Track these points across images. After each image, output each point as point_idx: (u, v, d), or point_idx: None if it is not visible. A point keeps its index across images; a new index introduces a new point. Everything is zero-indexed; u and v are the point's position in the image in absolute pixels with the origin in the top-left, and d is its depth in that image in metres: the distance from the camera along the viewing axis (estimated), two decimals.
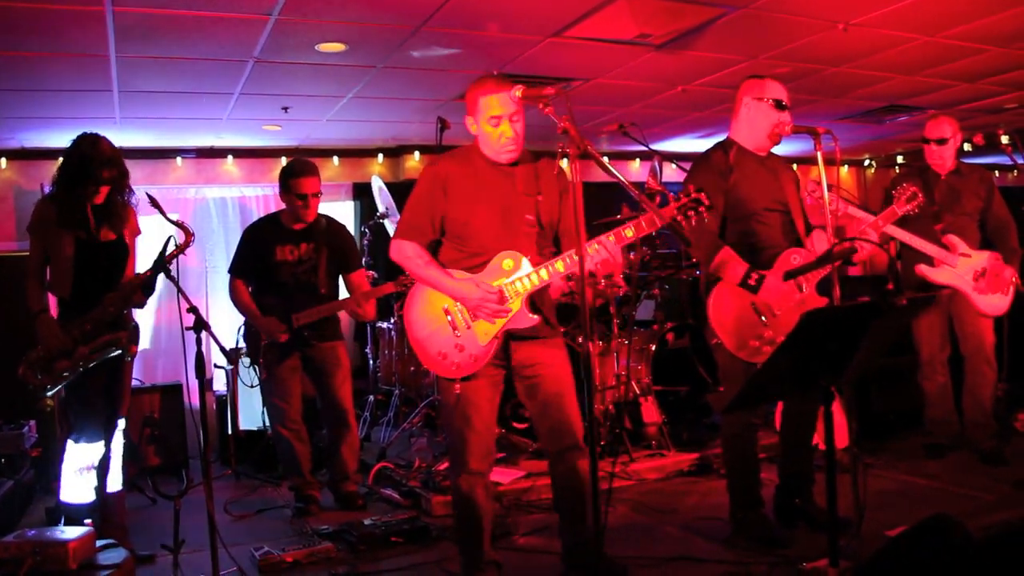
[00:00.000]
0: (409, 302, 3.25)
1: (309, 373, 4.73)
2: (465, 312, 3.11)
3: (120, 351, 3.76)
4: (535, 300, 3.13)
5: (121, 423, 4.02)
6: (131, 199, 3.98)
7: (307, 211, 4.59)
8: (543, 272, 3.05)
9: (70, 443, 3.87)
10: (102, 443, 3.86)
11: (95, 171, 3.75)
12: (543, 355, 3.20)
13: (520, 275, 3.07)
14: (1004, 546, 2.10)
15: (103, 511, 3.89)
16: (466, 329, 3.11)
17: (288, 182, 4.57)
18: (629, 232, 3.00)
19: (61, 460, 3.93)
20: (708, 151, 3.76)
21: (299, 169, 4.58)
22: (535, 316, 3.09)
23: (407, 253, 3.17)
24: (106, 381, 3.90)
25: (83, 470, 3.85)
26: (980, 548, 2.06)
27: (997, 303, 4.71)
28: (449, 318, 3.13)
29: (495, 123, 3.08)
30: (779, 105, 3.65)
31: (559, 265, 3.05)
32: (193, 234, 3.67)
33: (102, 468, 3.87)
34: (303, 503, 4.63)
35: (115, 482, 3.99)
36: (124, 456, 4.10)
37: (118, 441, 4.00)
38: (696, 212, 3.01)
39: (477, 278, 3.09)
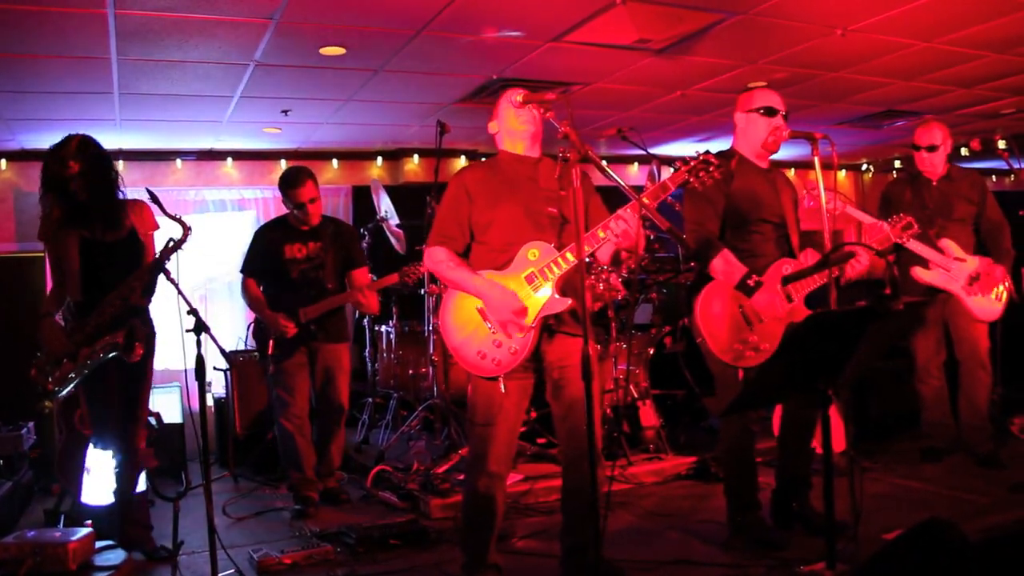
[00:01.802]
0: (443, 310, 3.29)
1: (313, 372, 4.80)
2: None
3: (117, 352, 3.70)
4: (566, 289, 3.15)
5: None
6: (124, 195, 3.92)
7: (309, 216, 4.74)
8: (569, 255, 3.09)
9: (91, 447, 3.85)
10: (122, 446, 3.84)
11: (56, 169, 3.71)
12: (575, 357, 3.18)
13: (548, 261, 3.11)
14: (1000, 549, 2.12)
15: (126, 513, 3.86)
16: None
17: (285, 193, 4.74)
18: (645, 200, 3.02)
19: (65, 461, 3.92)
20: None
21: (292, 180, 4.71)
22: (568, 299, 3.12)
23: (437, 258, 3.25)
24: (122, 385, 3.85)
25: (96, 472, 3.84)
26: (976, 551, 2.08)
27: (991, 308, 4.73)
28: (484, 317, 3.15)
29: (519, 104, 3.18)
30: (768, 112, 3.68)
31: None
32: (190, 228, 3.65)
33: (123, 473, 3.81)
34: (301, 504, 4.63)
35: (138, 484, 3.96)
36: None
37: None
38: (708, 172, 3.05)
39: (497, 275, 3.14)
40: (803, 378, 2.79)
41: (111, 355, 3.71)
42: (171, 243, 3.62)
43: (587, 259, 3.18)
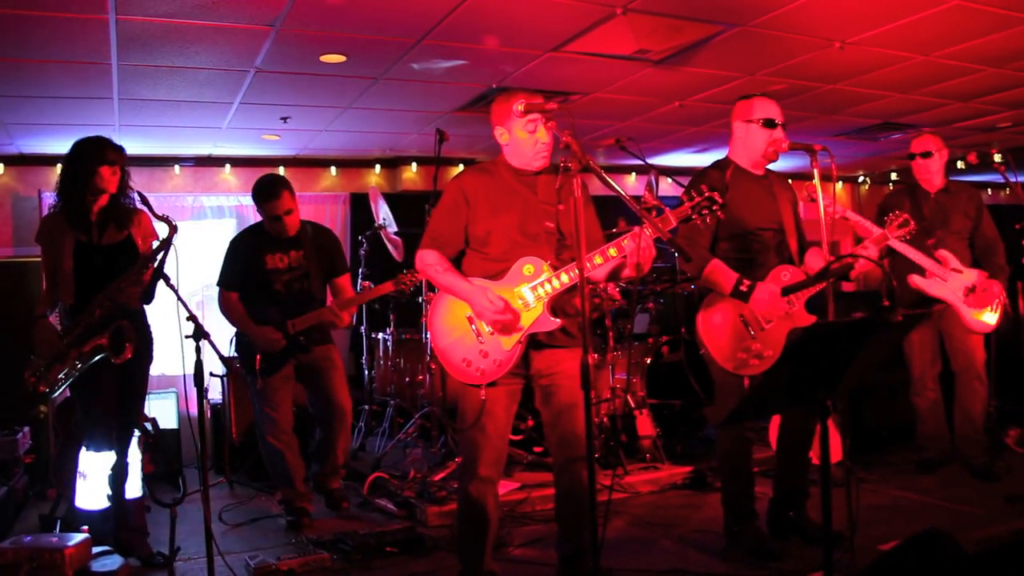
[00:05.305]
0: (432, 312, 3.29)
1: (303, 378, 4.69)
2: None
3: (103, 353, 3.67)
4: (556, 307, 3.15)
5: (135, 432, 3.94)
6: (134, 203, 3.94)
7: (286, 228, 4.56)
8: (563, 276, 3.09)
9: (82, 450, 3.84)
10: (112, 452, 3.82)
11: (96, 157, 3.71)
12: (563, 364, 3.21)
13: (541, 279, 3.11)
14: (995, 560, 2.13)
15: (121, 517, 3.83)
16: (490, 335, 3.14)
17: (260, 206, 4.55)
18: (648, 232, 2.99)
19: (61, 466, 3.90)
20: (705, 169, 3.81)
21: (265, 192, 4.51)
22: (557, 320, 3.12)
23: (428, 261, 3.24)
24: (116, 389, 3.83)
25: (91, 476, 3.83)
26: (971, 562, 2.09)
27: (985, 320, 4.75)
28: (473, 325, 3.16)
29: (532, 128, 3.13)
30: (768, 123, 3.70)
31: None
32: (176, 226, 3.59)
33: (116, 476, 3.78)
34: (294, 516, 4.55)
35: (133, 488, 3.94)
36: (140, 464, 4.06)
37: (132, 449, 3.93)
38: (710, 211, 3.06)
39: (490, 285, 3.12)
40: (802, 389, 2.80)
41: (98, 357, 3.69)
42: (159, 242, 3.60)
43: (565, 287, 3.16)
